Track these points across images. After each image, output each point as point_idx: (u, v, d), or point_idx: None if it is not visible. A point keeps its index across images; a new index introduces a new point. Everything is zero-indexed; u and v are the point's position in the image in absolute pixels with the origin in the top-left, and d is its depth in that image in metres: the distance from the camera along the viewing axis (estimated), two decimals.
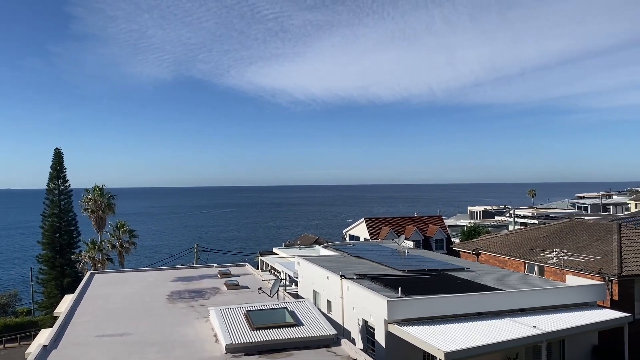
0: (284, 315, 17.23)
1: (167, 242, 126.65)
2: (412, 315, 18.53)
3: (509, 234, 35.92)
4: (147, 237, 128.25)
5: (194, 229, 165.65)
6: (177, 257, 53.62)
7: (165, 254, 75.77)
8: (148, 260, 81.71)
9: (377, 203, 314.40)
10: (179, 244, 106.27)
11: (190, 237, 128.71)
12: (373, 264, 27.40)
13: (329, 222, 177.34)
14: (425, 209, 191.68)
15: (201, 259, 50.71)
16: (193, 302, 22.25)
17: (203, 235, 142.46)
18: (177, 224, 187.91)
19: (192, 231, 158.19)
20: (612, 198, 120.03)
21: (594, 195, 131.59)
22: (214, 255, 56.28)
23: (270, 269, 45.19)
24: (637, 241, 27.01)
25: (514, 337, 17.08)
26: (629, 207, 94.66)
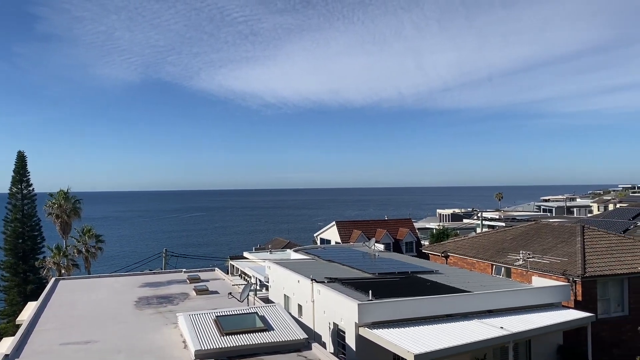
0: (254, 320, 17.10)
1: (134, 247, 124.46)
2: (382, 318, 18.63)
3: (477, 237, 36.52)
4: (115, 242, 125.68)
5: (163, 234, 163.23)
6: (145, 263, 52.68)
7: (133, 260, 74.35)
8: (115, 265, 80.00)
9: (349, 206, 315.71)
10: (147, 249, 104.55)
11: (159, 242, 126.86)
12: (344, 267, 27.46)
13: (300, 225, 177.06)
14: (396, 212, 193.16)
15: (170, 264, 49.97)
16: (161, 308, 21.88)
17: (172, 240, 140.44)
18: (145, 229, 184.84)
19: (160, 236, 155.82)
20: (576, 201, 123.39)
21: (558, 198, 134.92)
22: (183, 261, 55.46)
23: (240, 274, 44.87)
24: (599, 243, 27.79)
25: (482, 338, 17.35)
26: (591, 210, 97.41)
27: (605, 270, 24.75)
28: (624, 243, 28.53)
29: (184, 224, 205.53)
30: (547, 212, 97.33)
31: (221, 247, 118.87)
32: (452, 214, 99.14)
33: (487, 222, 67.78)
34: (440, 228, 64.80)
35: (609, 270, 24.82)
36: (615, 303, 25.19)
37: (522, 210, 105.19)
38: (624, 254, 26.86)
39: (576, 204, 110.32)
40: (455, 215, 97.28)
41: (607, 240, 28.43)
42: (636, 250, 27.40)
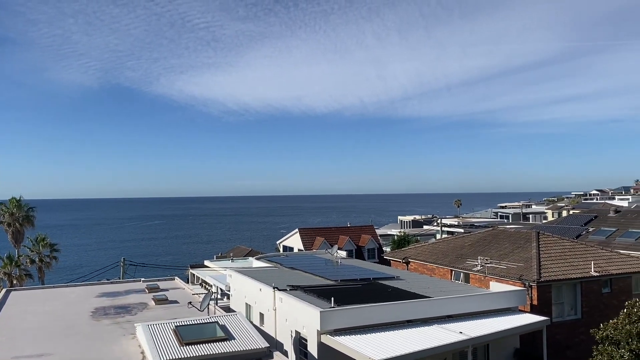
0: (215, 329, 16.89)
1: (91, 257, 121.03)
2: (344, 325, 18.68)
3: (437, 243, 37.11)
4: (70, 251, 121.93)
5: (121, 242, 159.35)
6: (102, 272, 51.29)
7: (90, 269, 72.26)
8: (71, 275, 77.68)
9: (312, 213, 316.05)
10: (105, 258, 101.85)
11: (117, 251, 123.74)
12: (306, 275, 27.43)
13: (262, 233, 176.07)
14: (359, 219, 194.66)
15: (128, 273, 48.75)
16: (119, 318, 21.36)
17: (130, 248, 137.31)
18: (102, 237, 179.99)
19: (118, 244, 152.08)
20: (532, 208, 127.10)
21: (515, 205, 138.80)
22: (141, 270, 54.25)
23: (201, 283, 44.17)
24: (554, 248, 28.68)
25: (442, 343, 17.60)
26: (546, 216, 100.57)
27: (560, 275, 25.54)
28: (577, 248, 29.53)
29: (143, 232, 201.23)
30: (504, 219, 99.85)
31: (181, 256, 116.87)
32: (413, 221, 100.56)
33: (446, 229, 69.04)
34: (401, 234, 65.62)
35: (563, 275, 25.62)
36: (569, 307, 26.00)
37: (480, 217, 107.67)
38: (577, 259, 27.79)
39: (532, 211, 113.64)
40: (416, 222, 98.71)
41: (561, 245, 29.36)
42: (588, 256, 28.39)
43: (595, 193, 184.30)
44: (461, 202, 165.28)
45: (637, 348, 16.55)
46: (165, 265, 75.95)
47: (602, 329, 17.94)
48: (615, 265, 27.79)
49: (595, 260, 27.50)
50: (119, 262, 48.95)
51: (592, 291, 26.28)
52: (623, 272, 27.22)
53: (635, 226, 37.18)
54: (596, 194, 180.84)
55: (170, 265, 76.84)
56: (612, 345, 17.25)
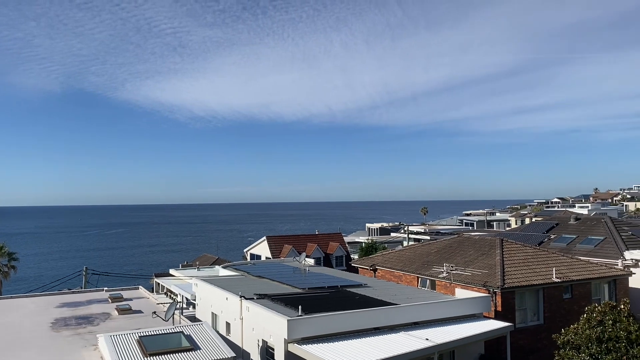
0: (180, 339, 16.60)
1: (52, 266, 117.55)
2: (311, 333, 18.60)
3: (403, 250, 37.42)
4: (30, 260, 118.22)
5: (83, 251, 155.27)
6: (64, 282, 49.92)
7: (50, 279, 70.21)
8: (30, 285, 75.16)
9: (280, 221, 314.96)
10: (66, 268, 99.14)
11: (79, 260, 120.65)
12: (274, 283, 27.26)
13: (229, 241, 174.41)
14: (327, 226, 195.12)
15: (90, 282, 47.59)
16: (80, 329, 20.79)
17: (93, 257, 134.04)
18: (64, 246, 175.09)
19: (81, 253, 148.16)
20: (496, 215, 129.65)
21: (479, 213, 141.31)
22: (104, 279, 53.08)
23: (166, 292, 43.34)
24: (517, 255, 29.28)
25: (408, 350, 17.69)
26: (510, 224, 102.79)
27: (523, 281, 26.06)
28: (539, 255, 30.22)
29: (106, 241, 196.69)
30: (469, 226, 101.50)
31: (146, 265, 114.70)
32: (380, 228, 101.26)
33: (413, 236, 69.74)
34: (369, 242, 65.95)
35: (526, 281, 26.16)
36: (531, 312, 26.53)
37: (445, 224, 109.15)
38: (539, 266, 28.43)
39: (496, 218, 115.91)
40: (383, 229, 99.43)
41: (524, 252, 30.00)
42: (550, 262, 29.09)
43: (556, 201, 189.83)
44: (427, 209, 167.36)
45: (596, 352, 17.00)
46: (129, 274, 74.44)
47: (563, 334, 18.38)
48: (576, 271, 28.55)
49: (557, 267, 28.19)
50: (81, 271, 47.73)
51: (553, 297, 26.91)
52: (583, 278, 27.97)
53: (595, 233, 38.31)
54: (557, 202, 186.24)
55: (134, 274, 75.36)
56: (573, 350, 17.67)
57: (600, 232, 38.03)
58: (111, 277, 59.05)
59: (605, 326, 17.34)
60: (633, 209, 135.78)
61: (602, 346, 17.00)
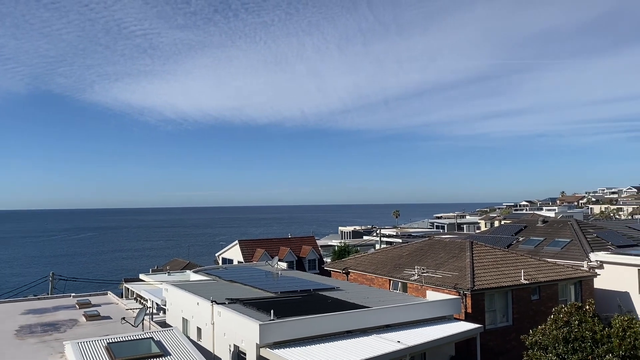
0: (150, 345, 16.33)
1: (17, 271, 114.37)
2: (284, 337, 18.53)
3: (376, 253, 37.61)
4: None
5: (50, 256, 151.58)
6: (29, 288, 48.62)
7: (15, 284, 68.35)
8: None
9: (252, 225, 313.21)
10: (32, 273, 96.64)
11: (45, 265, 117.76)
12: (246, 287, 27.08)
13: (201, 245, 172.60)
14: (300, 230, 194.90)
15: (57, 288, 46.45)
16: (46, 336, 20.26)
17: (60, 262, 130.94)
18: (30, 251, 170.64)
19: (47, 258, 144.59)
20: (466, 218, 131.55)
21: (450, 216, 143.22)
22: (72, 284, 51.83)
23: (135, 297, 42.65)
24: (486, 257, 29.75)
25: (380, 353, 17.78)
26: (479, 226, 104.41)
27: (492, 283, 26.49)
28: (508, 257, 30.78)
29: (74, 245, 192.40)
30: (439, 229, 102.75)
31: (115, 270, 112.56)
32: (353, 231, 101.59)
33: (385, 239, 70.18)
34: (341, 245, 66.07)
35: (495, 283, 26.59)
36: (500, 314, 26.97)
37: (417, 227, 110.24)
38: (508, 268, 28.95)
39: (466, 221, 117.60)
40: (356, 232, 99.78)
41: (493, 255, 30.51)
42: (518, 264, 29.65)
43: (524, 204, 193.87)
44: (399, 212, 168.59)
45: (563, 352, 17.37)
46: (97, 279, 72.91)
47: (531, 335, 18.73)
48: (543, 273, 29.16)
49: (525, 269, 28.75)
50: (48, 277, 46.56)
51: (522, 298, 27.42)
52: (550, 280, 28.60)
53: (561, 235, 39.19)
54: (526, 204, 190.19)
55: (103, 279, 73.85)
56: (541, 350, 18.02)
57: (566, 235, 38.93)
58: (79, 282, 57.73)
59: (572, 326, 17.74)
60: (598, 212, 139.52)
61: (568, 346, 17.39)
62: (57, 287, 46.80)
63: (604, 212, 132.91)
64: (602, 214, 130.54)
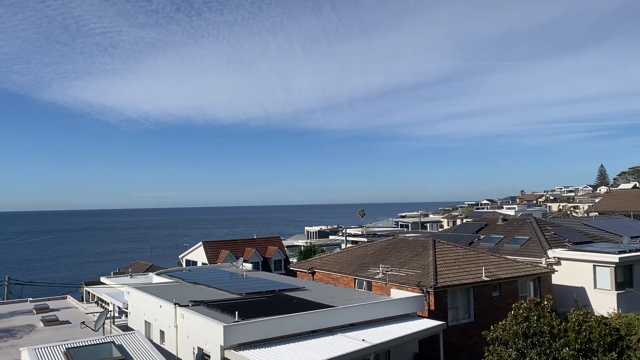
0: (111, 350, 15.99)
1: None
2: (248, 338, 18.44)
3: (341, 252, 37.81)
4: None
5: (6, 259, 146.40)
6: None
7: None
8: None
9: (217, 225, 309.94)
10: None
11: (1, 269, 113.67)
12: (210, 289, 26.82)
13: (164, 247, 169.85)
14: (265, 230, 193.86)
15: (13, 293, 44.96)
16: (2, 343, 19.65)
17: (16, 266, 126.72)
18: None
19: (3, 262, 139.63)
20: (429, 217, 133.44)
21: (414, 215, 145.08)
22: (29, 289, 50.30)
23: (96, 301, 41.63)
24: (449, 255, 30.28)
25: (345, 352, 17.89)
26: (442, 225, 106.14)
27: (454, 280, 26.98)
28: (470, 255, 31.41)
29: (31, 248, 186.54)
30: (404, 228, 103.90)
31: (75, 273, 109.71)
32: (319, 231, 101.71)
33: (350, 238, 70.56)
34: (307, 245, 66.12)
35: (457, 280, 27.10)
36: (463, 310, 27.51)
37: (382, 227, 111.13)
38: (470, 265, 29.54)
39: (429, 220, 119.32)
40: (322, 232, 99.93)
41: (455, 252, 31.07)
42: (480, 261, 30.29)
43: (485, 203, 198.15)
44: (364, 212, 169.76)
45: (522, 347, 17.84)
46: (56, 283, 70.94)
47: (492, 331, 19.16)
48: (504, 270, 29.88)
49: (486, 266, 29.39)
50: (3, 281, 45.05)
51: (483, 295, 28.03)
52: (510, 277, 29.32)
53: (521, 233, 40.22)
54: (486, 203, 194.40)
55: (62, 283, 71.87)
56: (501, 346, 18.46)
57: (525, 232, 39.97)
58: (37, 286, 56.15)
59: (531, 322, 18.23)
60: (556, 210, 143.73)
61: (527, 341, 17.86)
62: (14, 291, 45.33)
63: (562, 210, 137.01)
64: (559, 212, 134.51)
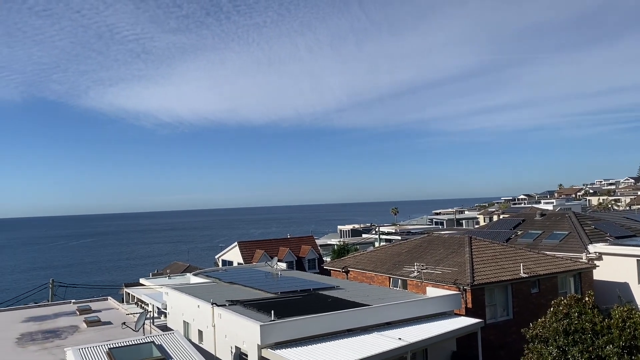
0: (151, 350, 16.34)
1: (17, 279, 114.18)
2: (285, 337, 18.55)
3: (375, 251, 37.65)
4: None
5: (50, 263, 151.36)
6: (29, 295, 48.56)
7: (15, 293, 68.23)
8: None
9: (251, 226, 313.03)
10: (32, 280, 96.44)
11: (45, 272, 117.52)
12: (246, 289, 27.10)
13: (200, 248, 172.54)
14: (298, 229, 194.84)
15: (57, 295, 46.42)
16: (48, 343, 20.27)
17: (60, 269, 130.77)
18: (29, 258, 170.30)
19: (47, 265, 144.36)
20: (464, 213, 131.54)
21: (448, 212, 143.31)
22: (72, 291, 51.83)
23: (136, 302, 42.61)
24: (485, 252, 29.81)
25: (381, 350, 17.82)
26: (478, 221, 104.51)
27: (492, 277, 26.54)
28: (507, 251, 30.84)
29: (73, 251, 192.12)
30: (438, 225, 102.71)
31: (115, 275, 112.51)
32: (352, 230, 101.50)
33: (384, 237, 70.15)
34: (340, 244, 66.06)
35: (495, 277, 26.65)
36: (501, 308, 27.04)
37: (416, 224, 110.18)
38: (507, 262, 29.01)
39: (465, 216, 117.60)
40: (355, 231, 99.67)
41: (492, 249, 30.57)
42: (517, 258, 29.71)
43: (523, 198, 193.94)
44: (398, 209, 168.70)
45: (563, 344, 17.42)
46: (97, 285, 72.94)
47: (531, 328, 18.76)
48: (542, 266, 29.24)
49: (524, 262, 28.81)
50: (47, 284, 46.52)
51: (521, 292, 27.48)
52: (549, 273, 28.67)
53: (559, 228, 39.28)
54: (524, 198, 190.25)
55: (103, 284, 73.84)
56: (541, 343, 18.06)
57: (564, 227, 39.02)
58: (79, 288, 57.81)
59: (572, 319, 17.78)
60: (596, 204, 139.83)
61: (569, 338, 17.42)
62: (57, 293, 46.80)
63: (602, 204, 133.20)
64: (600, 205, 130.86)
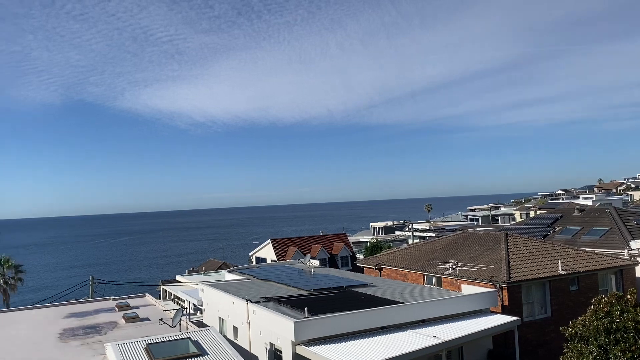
0: (187, 345, 16.61)
1: (58, 276, 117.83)
2: (318, 334, 18.59)
3: (409, 248, 37.35)
4: (36, 271, 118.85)
5: (89, 260, 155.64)
6: (70, 292, 50.04)
7: (57, 289, 70.37)
8: (37, 296, 75.32)
9: (284, 223, 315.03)
10: (73, 278, 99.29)
11: (85, 269, 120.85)
12: (279, 286, 27.27)
13: (235, 245, 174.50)
14: (331, 227, 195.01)
15: (97, 292, 47.68)
16: (88, 338, 20.83)
17: (99, 266, 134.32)
18: (70, 256, 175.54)
19: (87, 263, 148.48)
20: (500, 210, 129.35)
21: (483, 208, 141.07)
22: (111, 288, 53.16)
23: (173, 298, 43.44)
24: (522, 249, 29.20)
25: (416, 348, 17.67)
26: (514, 217, 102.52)
27: (528, 274, 25.99)
28: (544, 248, 30.14)
29: (112, 249, 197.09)
30: (473, 222, 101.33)
31: (152, 272, 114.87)
32: (384, 227, 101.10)
33: (418, 233, 69.62)
34: (373, 241, 65.83)
35: (532, 274, 26.09)
36: (538, 305, 26.46)
37: (450, 221, 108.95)
38: (545, 258, 28.36)
39: (500, 213, 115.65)
40: (388, 228, 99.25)
41: (528, 246, 29.92)
42: (555, 255, 29.01)
43: (560, 193, 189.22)
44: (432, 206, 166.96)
45: (605, 343, 16.93)
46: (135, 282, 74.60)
47: (571, 327, 18.29)
48: (582, 263, 28.47)
49: (562, 259, 28.10)
50: (88, 281, 47.84)
51: (560, 289, 26.83)
52: (589, 270, 27.89)
53: (599, 224, 38.20)
54: (561, 193, 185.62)
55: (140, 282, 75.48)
56: (582, 342, 17.59)
57: (605, 223, 37.92)
58: (117, 285, 59.22)
59: (613, 317, 17.26)
60: (638, 198, 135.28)
61: (610, 337, 16.92)
62: (97, 290, 48.07)
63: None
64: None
